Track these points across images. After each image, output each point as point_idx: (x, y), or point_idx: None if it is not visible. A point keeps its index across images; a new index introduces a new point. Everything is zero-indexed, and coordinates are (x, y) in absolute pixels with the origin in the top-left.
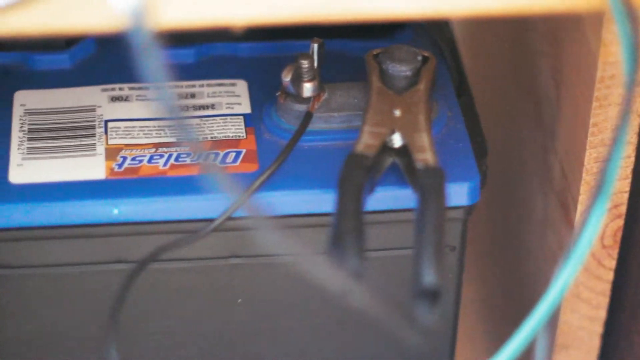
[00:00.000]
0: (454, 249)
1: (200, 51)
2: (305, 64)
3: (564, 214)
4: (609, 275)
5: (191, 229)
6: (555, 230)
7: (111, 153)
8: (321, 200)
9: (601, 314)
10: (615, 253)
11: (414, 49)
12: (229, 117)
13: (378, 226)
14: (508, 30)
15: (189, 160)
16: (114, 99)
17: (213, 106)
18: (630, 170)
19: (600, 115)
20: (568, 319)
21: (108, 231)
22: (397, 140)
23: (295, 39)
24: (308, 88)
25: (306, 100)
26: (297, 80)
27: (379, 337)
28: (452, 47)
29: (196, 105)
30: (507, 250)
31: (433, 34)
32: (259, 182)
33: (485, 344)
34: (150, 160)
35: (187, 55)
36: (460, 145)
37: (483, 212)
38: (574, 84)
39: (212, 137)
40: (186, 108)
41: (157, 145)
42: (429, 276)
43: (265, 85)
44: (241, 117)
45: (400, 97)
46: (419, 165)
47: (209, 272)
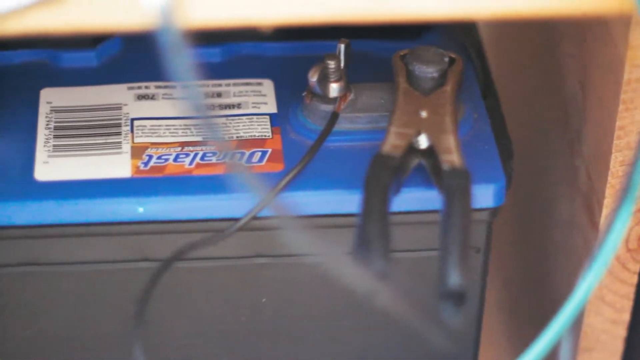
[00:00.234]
0: (478, 250)
1: (227, 50)
2: (332, 64)
3: (589, 217)
4: (633, 279)
5: (216, 228)
6: (580, 233)
7: (137, 151)
8: (347, 201)
9: (625, 317)
10: (639, 257)
11: (441, 50)
12: (255, 117)
13: (404, 227)
14: (534, 32)
15: (215, 159)
16: (140, 97)
17: (239, 105)
18: None
19: (627, 119)
20: (592, 322)
21: (133, 229)
22: (423, 142)
23: (322, 39)
24: (334, 88)
25: (332, 100)
26: (324, 80)
27: (403, 338)
28: (479, 49)
29: (222, 105)
30: (532, 253)
31: (460, 35)
32: (284, 182)
33: (509, 346)
34: (176, 159)
35: (214, 54)
36: (486, 147)
37: (508, 214)
38: (600, 86)
39: (238, 137)
40: (212, 107)
41: (183, 144)
42: (455, 277)
43: (292, 85)
44: (267, 117)
45: (426, 98)
46: (445, 166)
47: (234, 272)
